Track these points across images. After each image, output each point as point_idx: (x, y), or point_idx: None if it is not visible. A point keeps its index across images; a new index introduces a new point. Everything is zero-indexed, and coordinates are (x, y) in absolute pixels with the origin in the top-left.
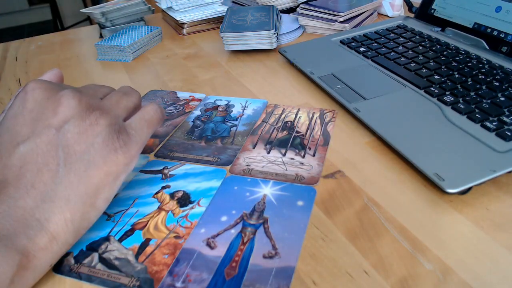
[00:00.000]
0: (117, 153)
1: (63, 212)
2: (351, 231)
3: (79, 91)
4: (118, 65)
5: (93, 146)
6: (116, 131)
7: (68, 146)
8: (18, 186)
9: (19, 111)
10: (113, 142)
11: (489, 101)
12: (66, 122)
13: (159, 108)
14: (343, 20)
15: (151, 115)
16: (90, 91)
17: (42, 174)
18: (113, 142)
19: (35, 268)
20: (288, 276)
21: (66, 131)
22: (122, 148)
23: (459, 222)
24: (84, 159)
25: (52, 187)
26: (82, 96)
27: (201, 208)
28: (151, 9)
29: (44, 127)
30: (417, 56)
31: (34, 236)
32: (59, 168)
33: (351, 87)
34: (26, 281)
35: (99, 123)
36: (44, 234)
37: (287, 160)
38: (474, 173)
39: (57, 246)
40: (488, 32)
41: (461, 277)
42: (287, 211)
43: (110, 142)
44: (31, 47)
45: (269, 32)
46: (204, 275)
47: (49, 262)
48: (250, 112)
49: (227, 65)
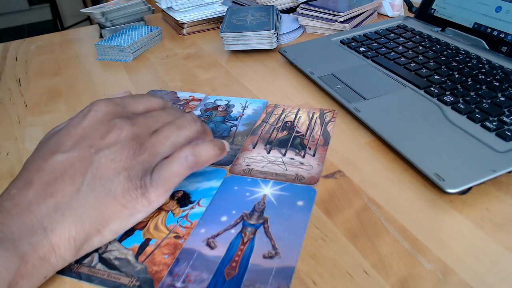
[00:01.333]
0: (137, 192)
1: (69, 228)
2: (351, 231)
3: (133, 122)
4: (118, 65)
5: (118, 177)
6: (144, 170)
7: (98, 169)
8: (39, 191)
9: (75, 124)
10: (136, 180)
11: (489, 101)
12: (108, 148)
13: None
14: (343, 20)
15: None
16: (148, 120)
17: (64, 185)
18: (136, 180)
19: (32, 277)
20: (288, 276)
21: (102, 155)
22: (142, 189)
23: (459, 222)
24: (107, 186)
25: (68, 201)
26: (134, 127)
27: (201, 208)
28: (151, 9)
29: (86, 146)
30: (417, 56)
31: (36, 243)
32: (82, 187)
33: (351, 87)
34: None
35: (134, 158)
36: (46, 243)
37: (287, 160)
38: (474, 173)
39: (55, 259)
40: (488, 32)
41: (461, 277)
42: (287, 211)
43: (134, 179)
44: (31, 47)
45: (269, 32)
46: (204, 275)
47: (44, 274)
48: (250, 112)
49: (227, 65)
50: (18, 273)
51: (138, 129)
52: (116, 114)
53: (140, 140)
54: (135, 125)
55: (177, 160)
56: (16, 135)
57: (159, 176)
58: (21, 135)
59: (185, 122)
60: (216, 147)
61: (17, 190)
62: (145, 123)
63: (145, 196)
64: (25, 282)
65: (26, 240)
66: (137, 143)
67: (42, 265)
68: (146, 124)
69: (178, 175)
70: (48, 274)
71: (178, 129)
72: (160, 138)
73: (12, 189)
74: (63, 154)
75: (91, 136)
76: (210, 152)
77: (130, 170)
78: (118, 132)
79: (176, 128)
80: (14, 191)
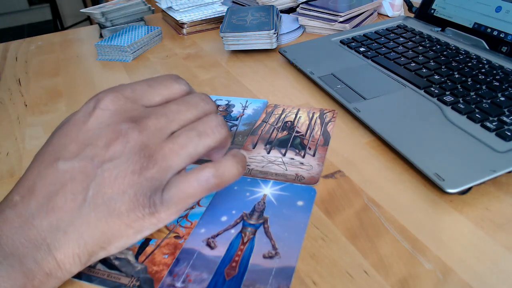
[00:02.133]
0: (144, 211)
1: (73, 246)
2: (351, 231)
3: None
4: (118, 65)
5: (123, 196)
6: (152, 189)
7: (100, 185)
8: (41, 205)
9: (80, 122)
10: (144, 199)
11: (489, 101)
12: (111, 160)
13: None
14: (343, 20)
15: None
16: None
17: (66, 201)
18: (144, 199)
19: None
20: (288, 276)
21: (105, 169)
22: (150, 208)
23: (459, 222)
24: (110, 205)
25: (70, 218)
26: (142, 137)
27: (201, 208)
28: (151, 9)
29: (89, 156)
30: (417, 56)
31: (41, 260)
32: (84, 204)
33: (351, 87)
34: None
35: (141, 174)
36: (51, 260)
37: (287, 160)
38: (474, 173)
39: (61, 273)
40: (488, 32)
41: (461, 277)
42: (287, 211)
43: (141, 198)
44: (31, 47)
45: (269, 32)
46: (204, 275)
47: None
48: (250, 112)
49: (227, 65)
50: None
51: (147, 137)
52: (125, 113)
53: (149, 151)
54: (144, 132)
55: (196, 181)
56: (16, 135)
57: (172, 197)
58: (21, 135)
59: (208, 127)
60: (239, 166)
61: (20, 198)
62: (157, 126)
63: (154, 215)
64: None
65: (31, 256)
66: (145, 156)
67: (48, 280)
68: (159, 128)
69: (195, 197)
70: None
71: (198, 136)
72: (176, 148)
73: (15, 195)
74: (66, 163)
75: (94, 143)
76: (234, 172)
77: (137, 189)
78: (124, 142)
79: (197, 135)
80: (16, 198)
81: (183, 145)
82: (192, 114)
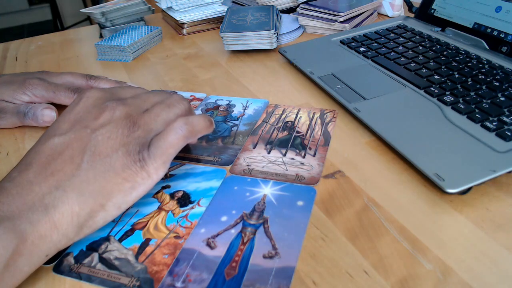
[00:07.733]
0: (136, 165)
1: (72, 204)
2: (351, 231)
3: (124, 103)
4: (118, 65)
5: (117, 153)
6: (140, 144)
7: (96, 147)
8: (39, 172)
9: (69, 111)
10: (134, 154)
11: (489, 101)
12: (103, 127)
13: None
14: (343, 20)
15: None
16: (138, 101)
17: (64, 164)
18: (134, 155)
19: (31, 255)
20: (288, 276)
21: (99, 134)
22: (140, 162)
23: (459, 222)
24: (106, 162)
25: (69, 178)
26: (126, 107)
27: (201, 208)
28: (151, 9)
29: (82, 127)
30: (417, 56)
31: (37, 221)
32: (82, 164)
33: (351, 87)
34: (21, 268)
35: (129, 135)
36: (47, 221)
37: (288, 160)
38: (474, 173)
39: (57, 236)
40: (488, 32)
41: (461, 277)
42: (287, 211)
43: (132, 154)
44: (31, 47)
45: (269, 32)
46: (204, 275)
47: (45, 252)
48: (251, 112)
49: (227, 65)
50: (16, 251)
51: (130, 109)
52: (106, 98)
53: (133, 118)
54: (126, 105)
55: (172, 131)
56: (16, 135)
57: (156, 148)
58: (21, 135)
59: (173, 101)
60: (206, 119)
61: (18, 173)
62: (135, 103)
63: (144, 168)
64: (24, 260)
65: (25, 218)
66: (131, 121)
67: (42, 242)
68: (137, 104)
69: (174, 146)
70: (49, 252)
71: (167, 107)
72: (152, 116)
73: (13, 172)
74: (60, 137)
75: (86, 118)
76: (202, 122)
77: (127, 146)
78: (111, 112)
79: (166, 106)
80: (15, 174)
81: (158, 114)
82: (159, 98)
